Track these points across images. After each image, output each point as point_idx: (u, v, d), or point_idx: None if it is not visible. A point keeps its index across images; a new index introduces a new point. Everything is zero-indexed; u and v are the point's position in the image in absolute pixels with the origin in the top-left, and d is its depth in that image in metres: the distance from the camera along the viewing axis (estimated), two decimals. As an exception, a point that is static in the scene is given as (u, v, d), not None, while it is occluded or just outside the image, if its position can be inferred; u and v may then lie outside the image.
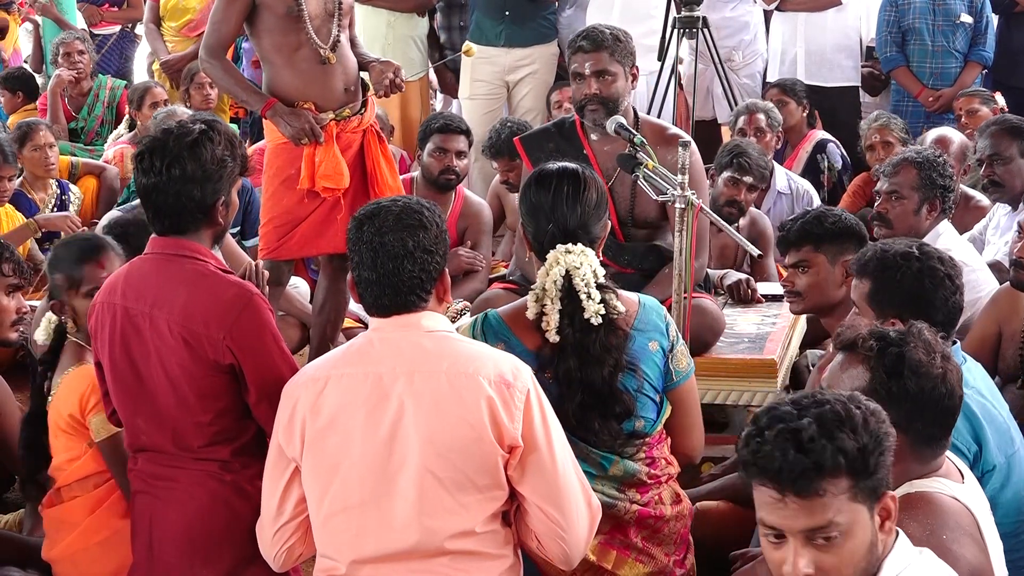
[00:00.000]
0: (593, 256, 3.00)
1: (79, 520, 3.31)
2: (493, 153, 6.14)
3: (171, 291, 2.94)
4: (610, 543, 2.98)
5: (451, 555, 2.61)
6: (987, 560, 2.38)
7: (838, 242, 3.89)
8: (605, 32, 4.29)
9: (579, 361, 2.94)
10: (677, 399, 3.12)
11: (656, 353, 3.05)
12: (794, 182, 6.18)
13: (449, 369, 2.61)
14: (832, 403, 2.05)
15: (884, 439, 2.05)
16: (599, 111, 4.22)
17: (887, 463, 2.06)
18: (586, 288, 2.94)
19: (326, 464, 2.65)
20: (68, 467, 3.33)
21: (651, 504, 3.04)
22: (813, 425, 2.01)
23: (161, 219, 3.00)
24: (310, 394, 2.67)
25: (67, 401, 3.30)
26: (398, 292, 2.66)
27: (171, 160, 2.94)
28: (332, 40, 4.39)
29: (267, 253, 4.47)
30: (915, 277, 3.06)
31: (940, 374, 2.44)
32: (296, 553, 2.79)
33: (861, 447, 2.01)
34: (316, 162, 4.32)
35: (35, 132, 6.05)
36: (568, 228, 3.03)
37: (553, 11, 7.25)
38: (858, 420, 2.03)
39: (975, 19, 7.01)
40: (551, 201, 3.06)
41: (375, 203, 2.78)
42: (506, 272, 5.04)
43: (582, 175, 3.10)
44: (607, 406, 2.96)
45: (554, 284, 2.95)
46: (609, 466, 3.01)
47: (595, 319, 2.93)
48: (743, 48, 7.43)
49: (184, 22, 7.89)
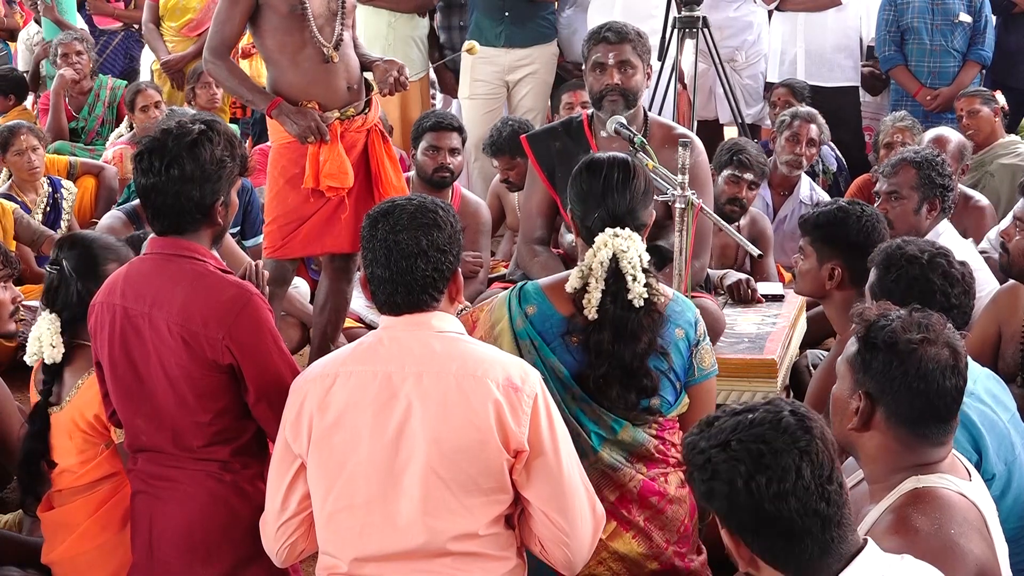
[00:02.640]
0: (639, 241, 3.06)
1: (78, 523, 3.31)
2: (494, 151, 6.13)
3: (170, 291, 2.94)
4: (612, 513, 3.00)
5: (454, 556, 2.62)
6: (994, 556, 2.39)
7: (831, 241, 3.84)
8: (628, 26, 4.35)
9: (613, 335, 3.00)
10: (696, 396, 3.17)
11: (681, 340, 3.11)
12: (816, 193, 6.19)
13: (458, 371, 2.61)
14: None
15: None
16: (619, 102, 4.25)
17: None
18: (632, 271, 3.01)
19: (332, 461, 2.65)
20: (80, 469, 3.32)
21: (656, 480, 3.08)
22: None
23: (161, 219, 2.99)
24: (318, 391, 2.68)
25: (91, 403, 3.29)
26: (410, 291, 2.67)
27: (170, 160, 2.94)
28: (335, 39, 4.39)
29: (271, 252, 4.47)
30: (908, 283, 3.07)
31: (912, 352, 2.43)
32: (299, 549, 2.80)
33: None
34: (321, 161, 4.33)
35: (16, 136, 6.00)
36: (616, 213, 3.10)
37: (552, 11, 7.26)
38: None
39: (974, 19, 7.02)
40: (601, 187, 3.12)
41: (390, 201, 2.78)
42: (506, 272, 5.04)
43: (631, 164, 3.18)
44: (632, 381, 3.03)
45: (600, 265, 3.01)
46: (619, 430, 3.05)
47: (638, 301, 3.00)
48: (746, 48, 7.44)
49: (184, 22, 7.88)
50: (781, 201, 6.23)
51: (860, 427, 2.46)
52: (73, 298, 3.40)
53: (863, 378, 2.47)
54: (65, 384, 3.37)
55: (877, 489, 2.49)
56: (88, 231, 4.45)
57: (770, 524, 2.01)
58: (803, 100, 6.78)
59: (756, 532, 2.04)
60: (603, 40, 4.30)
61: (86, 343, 3.35)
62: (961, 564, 2.29)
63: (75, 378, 3.37)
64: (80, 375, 3.36)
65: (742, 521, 2.04)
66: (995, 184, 6.16)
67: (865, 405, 2.46)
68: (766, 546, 2.04)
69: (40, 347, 3.38)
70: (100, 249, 3.52)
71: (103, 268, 3.42)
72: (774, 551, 2.04)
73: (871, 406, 2.46)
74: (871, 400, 2.46)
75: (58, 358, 3.36)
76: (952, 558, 2.28)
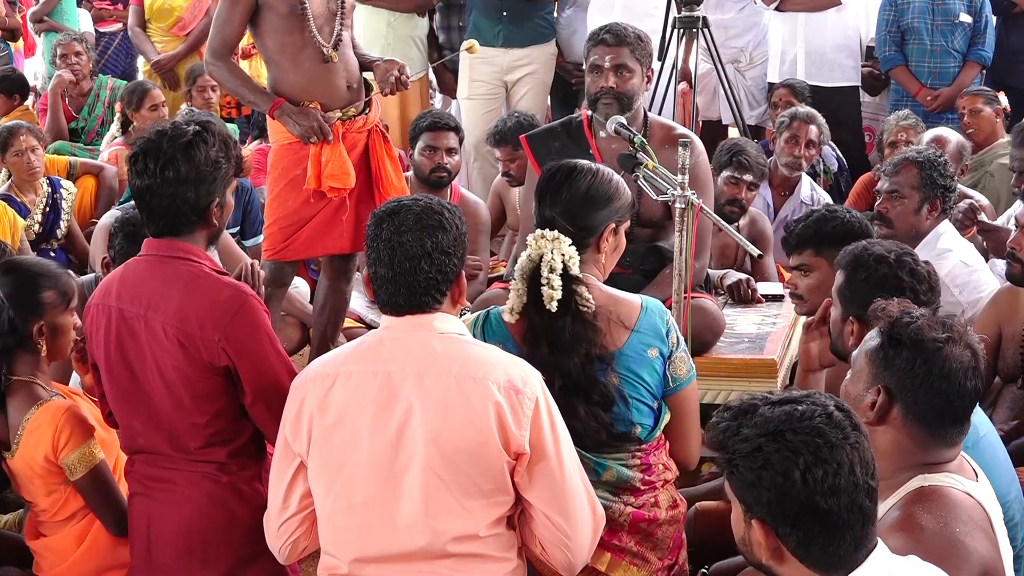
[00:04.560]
0: (568, 244, 2.95)
1: (69, 550, 3.29)
2: (497, 141, 6.13)
3: (166, 293, 2.92)
4: (605, 546, 2.96)
5: (454, 557, 2.61)
6: (998, 556, 2.39)
7: (840, 245, 3.87)
8: (628, 29, 4.33)
9: (549, 348, 2.93)
10: (674, 405, 3.08)
11: (655, 360, 3.01)
12: (817, 193, 6.18)
13: (459, 372, 2.60)
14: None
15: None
16: (612, 105, 4.24)
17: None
18: (548, 274, 2.92)
19: (332, 461, 2.65)
20: (52, 508, 3.27)
21: (645, 507, 3.04)
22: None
23: (156, 221, 2.97)
24: (318, 390, 2.67)
25: (38, 446, 3.21)
26: (413, 292, 2.66)
27: (165, 162, 2.91)
28: (334, 39, 4.39)
29: (272, 254, 4.46)
30: (877, 282, 3.06)
31: (937, 351, 2.43)
32: (301, 547, 2.80)
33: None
34: (323, 162, 4.32)
35: (16, 137, 5.98)
36: (546, 215, 3.05)
37: (550, 11, 7.26)
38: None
39: (974, 19, 7.01)
40: (540, 188, 3.09)
41: (396, 201, 2.77)
42: (505, 272, 5.04)
43: (579, 167, 3.11)
44: (587, 395, 2.94)
45: (521, 267, 2.96)
46: (602, 472, 3.00)
47: (551, 305, 2.91)
48: (750, 49, 7.43)
49: (172, 22, 7.89)
50: (782, 201, 6.22)
51: (875, 421, 2.45)
52: (4, 328, 3.25)
53: (883, 373, 2.47)
54: (11, 425, 3.26)
55: (884, 486, 2.46)
56: (26, 256, 4.35)
57: (815, 516, 2.00)
58: (804, 100, 6.77)
59: (797, 524, 2.02)
60: (601, 42, 4.29)
61: (26, 379, 3.29)
62: (965, 563, 2.29)
63: (19, 417, 3.25)
64: (24, 414, 3.24)
65: (785, 511, 2.02)
66: (995, 184, 6.16)
67: (883, 400, 2.46)
68: (803, 538, 2.02)
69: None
70: (37, 277, 3.39)
71: (39, 296, 3.33)
72: (809, 543, 2.03)
73: (889, 401, 2.46)
74: (889, 395, 2.45)
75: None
76: (956, 557, 2.28)
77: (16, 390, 3.29)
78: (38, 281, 3.37)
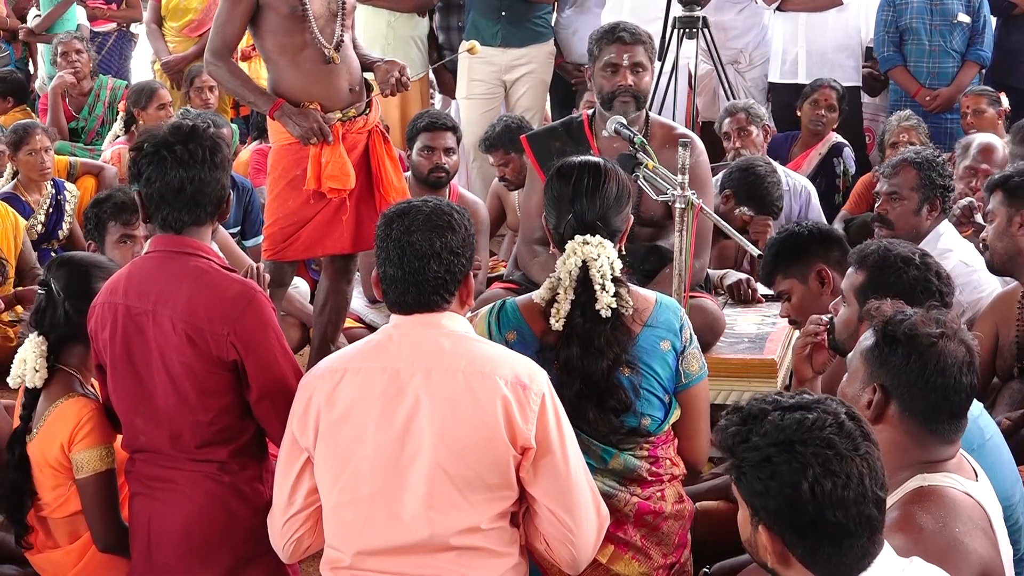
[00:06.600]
0: (611, 248, 2.99)
1: (68, 567, 3.28)
2: (487, 147, 6.13)
3: (174, 288, 2.94)
4: (609, 537, 2.96)
5: (457, 551, 2.63)
6: (998, 556, 2.40)
7: (799, 259, 3.85)
8: (639, 28, 4.35)
9: (581, 350, 2.95)
10: (685, 402, 3.10)
11: (668, 353, 3.04)
12: (791, 179, 6.12)
13: (466, 368, 2.62)
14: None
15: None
16: (630, 104, 4.27)
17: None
18: (601, 280, 2.94)
19: (339, 455, 2.66)
20: (54, 503, 3.27)
21: (652, 499, 3.05)
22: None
23: (189, 211, 2.98)
24: (326, 386, 2.69)
25: (56, 435, 3.21)
26: (422, 291, 2.68)
27: (211, 146, 2.98)
28: (336, 40, 4.38)
29: (272, 255, 4.46)
30: (909, 284, 3.06)
31: (931, 346, 2.44)
32: (304, 545, 2.81)
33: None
34: (323, 163, 4.32)
35: (32, 135, 5.97)
36: (586, 220, 3.03)
37: (548, 11, 7.26)
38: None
39: (973, 19, 7.01)
40: (571, 193, 3.06)
41: (406, 202, 2.80)
42: (505, 272, 5.04)
43: (603, 167, 3.12)
44: (603, 398, 2.97)
45: (569, 274, 2.96)
46: (610, 459, 3.02)
47: (605, 311, 2.94)
48: (749, 50, 7.43)
49: (186, 22, 7.88)
50: None
51: (872, 420, 2.44)
52: (61, 319, 3.29)
53: (879, 371, 2.48)
54: (39, 411, 3.28)
55: None
56: (78, 252, 4.38)
57: (822, 528, 1.98)
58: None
59: (803, 533, 2.00)
60: (618, 40, 4.30)
61: (67, 369, 3.30)
62: (964, 563, 2.29)
63: (48, 404, 3.27)
64: (53, 402, 3.26)
65: (792, 521, 2.00)
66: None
67: (879, 398, 2.47)
68: (809, 547, 2.01)
69: (23, 370, 3.27)
70: (90, 268, 3.42)
71: (93, 287, 3.32)
72: (816, 552, 2.01)
73: (885, 399, 2.47)
74: (886, 393, 2.46)
75: (39, 383, 3.26)
76: (956, 557, 2.29)
77: (56, 378, 3.31)
78: (91, 272, 3.39)
